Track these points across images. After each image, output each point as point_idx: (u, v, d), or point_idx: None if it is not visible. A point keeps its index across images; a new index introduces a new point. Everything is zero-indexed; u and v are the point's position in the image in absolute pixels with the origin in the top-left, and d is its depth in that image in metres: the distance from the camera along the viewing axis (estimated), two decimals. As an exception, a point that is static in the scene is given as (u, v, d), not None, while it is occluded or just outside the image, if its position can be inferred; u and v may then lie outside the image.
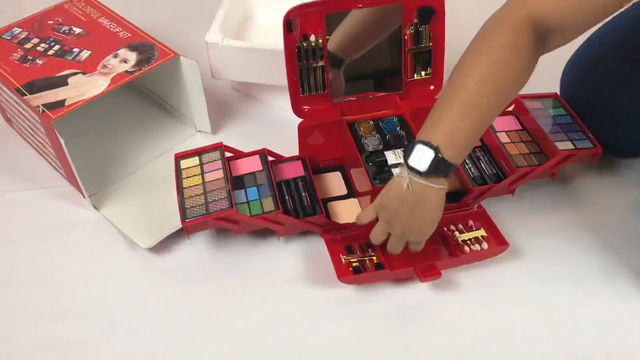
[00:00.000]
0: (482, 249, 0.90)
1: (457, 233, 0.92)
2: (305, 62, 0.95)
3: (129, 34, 1.03)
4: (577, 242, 0.96)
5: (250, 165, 0.97)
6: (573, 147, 0.95)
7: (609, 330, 0.85)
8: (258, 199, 0.91)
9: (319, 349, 0.83)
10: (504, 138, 1.00)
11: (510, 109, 1.05)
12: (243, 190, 0.93)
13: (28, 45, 1.01)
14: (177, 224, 0.92)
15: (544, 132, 0.98)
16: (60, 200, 1.01)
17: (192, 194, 0.90)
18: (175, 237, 0.95)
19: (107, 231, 0.96)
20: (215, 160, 0.95)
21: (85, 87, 0.93)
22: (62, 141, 0.88)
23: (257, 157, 0.99)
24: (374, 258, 0.90)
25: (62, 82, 0.95)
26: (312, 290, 0.89)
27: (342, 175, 1.03)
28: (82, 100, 0.91)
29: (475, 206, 0.96)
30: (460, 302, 0.88)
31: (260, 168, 0.96)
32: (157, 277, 0.91)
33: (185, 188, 0.91)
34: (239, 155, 1.00)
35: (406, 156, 0.77)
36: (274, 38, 1.09)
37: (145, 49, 1.00)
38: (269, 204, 0.90)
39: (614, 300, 0.88)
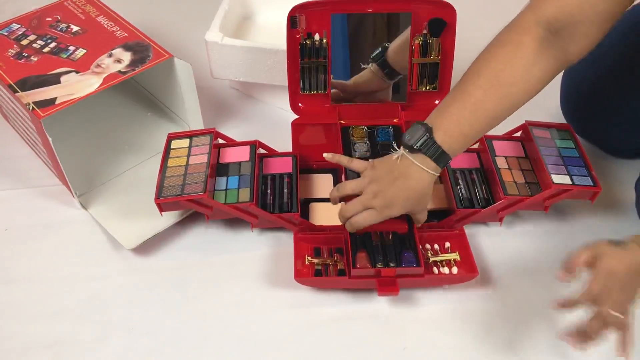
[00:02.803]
0: (450, 273, 0.87)
1: (430, 253, 0.89)
2: (308, 60, 0.94)
3: (126, 34, 1.02)
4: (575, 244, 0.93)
5: (238, 155, 0.98)
6: (570, 183, 0.89)
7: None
8: (236, 188, 0.92)
9: (318, 348, 0.82)
10: (501, 163, 0.95)
11: (518, 134, 1.00)
12: (225, 178, 0.94)
13: (24, 42, 1.01)
14: (162, 226, 0.92)
15: (543, 162, 0.92)
16: (52, 199, 1.00)
17: (173, 174, 0.91)
18: (170, 236, 0.94)
19: (100, 230, 0.95)
20: (204, 145, 0.96)
21: (77, 86, 0.93)
22: (50, 139, 0.88)
23: (247, 147, 0.99)
24: (339, 264, 0.87)
25: (55, 80, 0.94)
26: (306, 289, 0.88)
27: (333, 178, 1.01)
28: (72, 100, 0.91)
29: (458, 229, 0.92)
30: (460, 302, 0.87)
31: (247, 159, 0.97)
32: (152, 276, 0.90)
33: (168, 167, 0.93)
34: (230, 143, 1.00)
35: (404, 134, 0.79)
36: (274, 37, 1.08)
37: (141, 49, 0.99)
38: (245, 195, 0.90)
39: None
